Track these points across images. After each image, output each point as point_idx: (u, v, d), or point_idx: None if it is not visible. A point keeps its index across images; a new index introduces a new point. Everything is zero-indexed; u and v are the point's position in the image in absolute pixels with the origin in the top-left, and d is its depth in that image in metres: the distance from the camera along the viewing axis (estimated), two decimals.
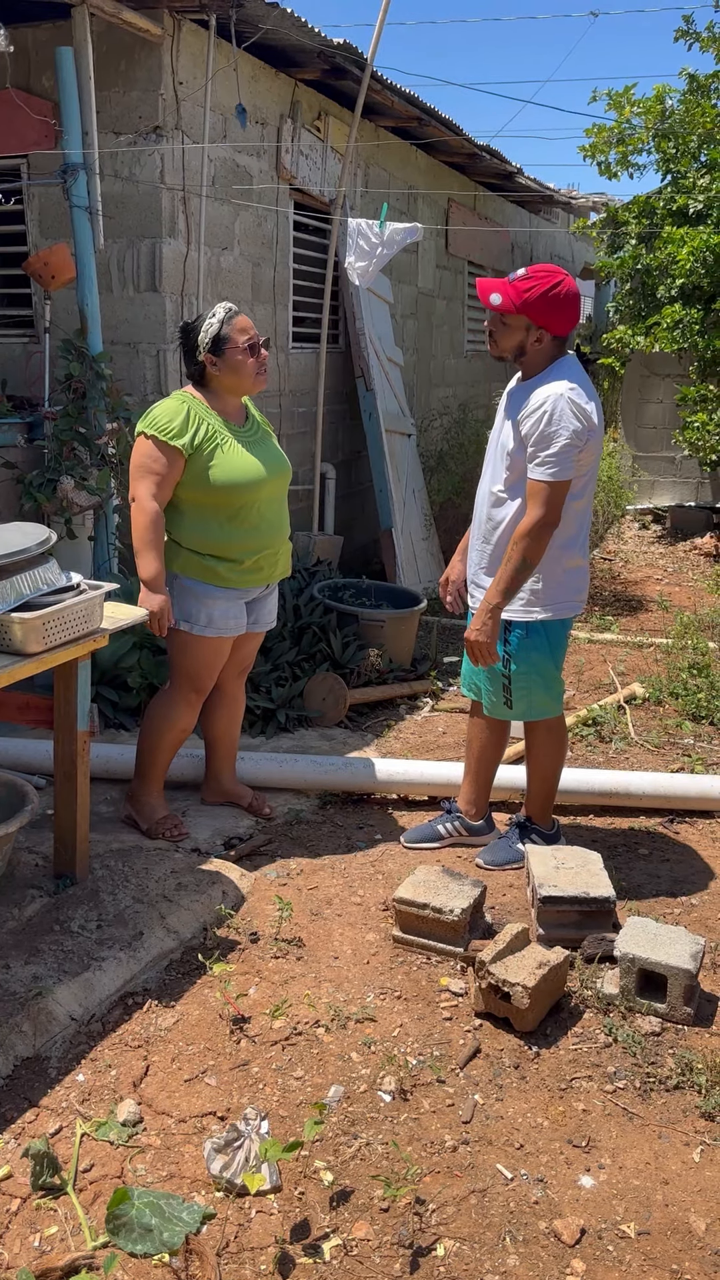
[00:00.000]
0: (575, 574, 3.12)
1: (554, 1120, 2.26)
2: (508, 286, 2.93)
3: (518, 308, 2.91)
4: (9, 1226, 1.98)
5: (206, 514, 3.16)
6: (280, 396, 6.01)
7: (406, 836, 3.52)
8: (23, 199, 4.91)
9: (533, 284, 2.90)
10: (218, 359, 3.11)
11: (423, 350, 8.30)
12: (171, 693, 3.37)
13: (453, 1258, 1.93)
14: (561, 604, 3.11)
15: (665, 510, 9.52)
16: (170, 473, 3.08)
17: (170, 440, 3.05)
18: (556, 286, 2.90)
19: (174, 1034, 2.51)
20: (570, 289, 2.94)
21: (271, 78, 5.48)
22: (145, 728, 3.41)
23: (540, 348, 2.98)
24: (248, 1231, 1.97)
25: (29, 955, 2.67)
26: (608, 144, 8.71)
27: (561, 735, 3.32)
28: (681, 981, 2.53)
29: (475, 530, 3.22)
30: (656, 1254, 1.94)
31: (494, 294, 2.93)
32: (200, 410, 3.14)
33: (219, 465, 3.11)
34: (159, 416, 3.09)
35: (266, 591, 3.45)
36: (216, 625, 3.24)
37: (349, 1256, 1.92)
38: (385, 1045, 2.48)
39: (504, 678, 3.16)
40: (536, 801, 3.38)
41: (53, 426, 4.43)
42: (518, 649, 3.12)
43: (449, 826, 3.50)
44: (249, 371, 3.14)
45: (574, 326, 3.01)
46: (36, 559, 2.68)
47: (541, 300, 2.90)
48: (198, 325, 3.12)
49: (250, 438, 3.23)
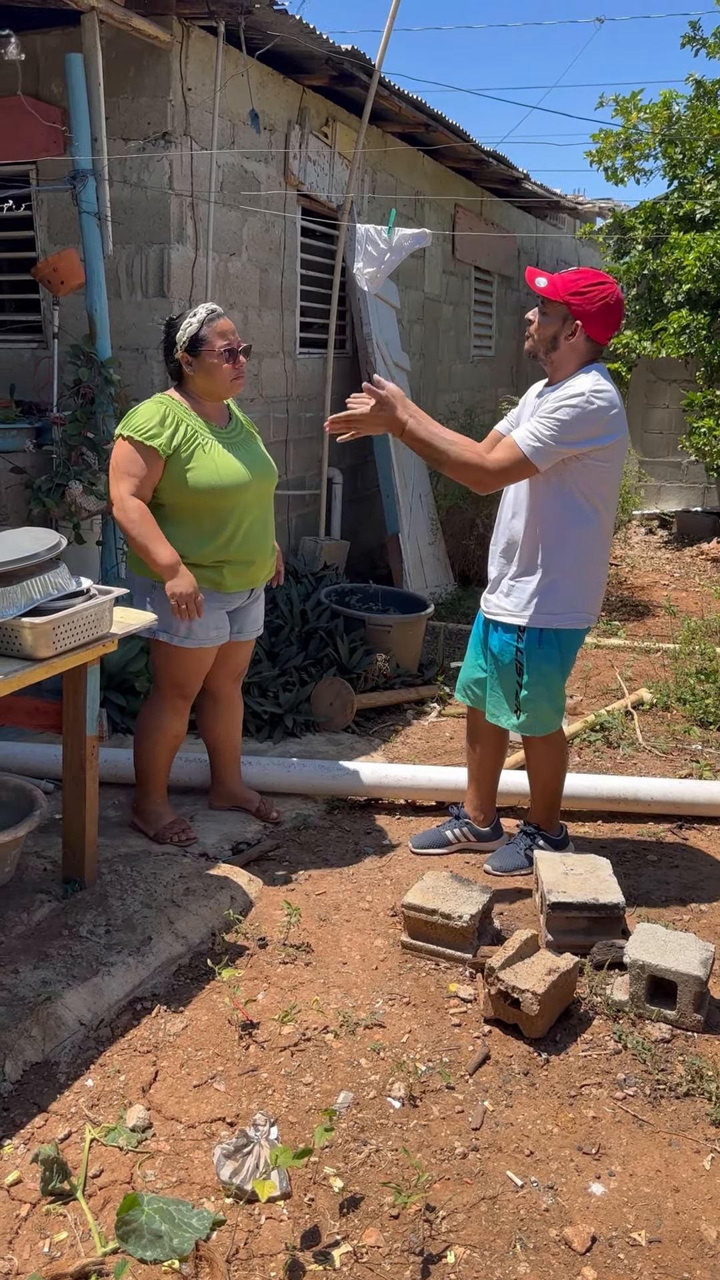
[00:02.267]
0: (593, 586, 3.09)
1: (564, 1127, 2.26)
2: (555, 276, 2.95)
3: (560, 294, 2.91)
4: (19, 1232, 1.98)
5: (187, 518, 3.13)
6: (288, 401, 6.02)
7: (414, 841, 3.51)
8: (31, 205, 4.92)
9: (579, 278, 2.92)
10: (193, 360, 3.10)
11: (429, 355, 8.31)
12: (157, 700, 3.36)
13: (463, 1265, 1.92)
14: (575, 614, 3.07)
15: (672, 515, 9.52)
16: (149, 474, 3.06)
17: (147, 441, 3.04)
18: (600, 286, 2.91)
19: (183, 1039, 2.51)
20: (614, 293, 2.92)
21: (279, 84, 5.49)
22: (138, 738, 3.41)
23: (573, 343, 2.94)
24: (257, 1238, 1.97)
25: (38, 960, 2.67)
26: (614, 149, 8.74)
27: (560, 746, 3.29)
28: (691, 988, 2.52)
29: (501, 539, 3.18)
30: (668, 1262, 1.93)
31: (540, 278, 2.94)
32: (179, 411, 3.12)
33: (198, 467, 3.09)
34: (136, 418, 3.08)
35: (250, 599, 3.42)
36: (196, 636, 3.21)
37: (359, 1263, 1.92)
38: (394, 1051, 2.47)
39: (516, 684, 3.15)
40: (540, 809, 3.37)
41: (61, 432, 4.44)
42: (530, 657, 3.10)
43: (456, 832, 3.49)
44: (224, 376, 3.12)
45: (612, 335, 2.99)
46: (47, 564, 2.68)
47: (584, 296, 2.89)
48: (179, 323, 3.11)
49: (232, 439, 3.21)
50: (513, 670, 3.13)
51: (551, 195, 9.92)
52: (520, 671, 3.12)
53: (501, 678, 3.17)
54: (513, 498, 3.11)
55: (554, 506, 2.98)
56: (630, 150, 8.67)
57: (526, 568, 3.07)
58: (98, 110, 4.35)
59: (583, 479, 2.95)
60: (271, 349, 5.82)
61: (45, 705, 3.03)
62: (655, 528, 9.55)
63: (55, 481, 4.34)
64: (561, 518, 2.99)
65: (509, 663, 3.14)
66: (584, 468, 2.93)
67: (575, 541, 3.01)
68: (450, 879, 2.96)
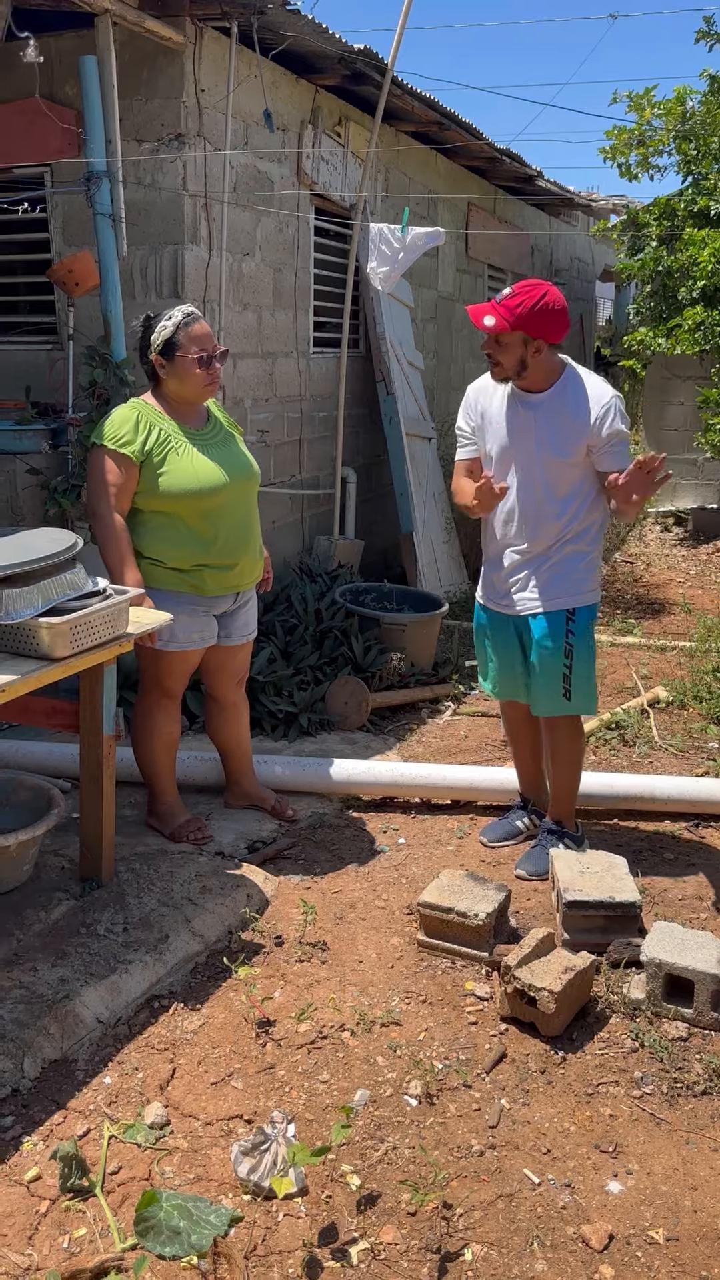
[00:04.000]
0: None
1: (581, 1125, 2.26)
2: (497, 307, 2.97)
3: (511, 324, 2.95)
4: (38, 1228, 1.99)
5: (163, 523, 3.12)
6: (301, 401, 6.03)
7: (486, 835, 3.56)
8: (46, 207, 4.95)
9: (520, 299, 2.94)
10: (167, 363, 3.09)
11: (443, 354, 8.31)
12: (144, 701, 3.37)
13: (480, 1262, 1.92)
14: (598, 591, 3.30)
15: (687, 513, 9.47)
16: (126, 482, 3.05)
17: (120, 448, 3.03)
18: (544, 298, 2.94)
19: (200, 1037, 2.52)
20: (558, 299, 2.98)
21: (292, 84, 5.50)
22: (135, 742, 3.42)
23: (540, 359, 3.02)
24: (275, 1235, 1.98)
25: (56, 958, 2.69)
26: (628, 146, 8.70)
27: (582, 730, 3.38)
28: (709, 986, 2.51)
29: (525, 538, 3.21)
30: (685, 1260, 1.93)
31: (486, 316, 2.97)
32: (151, 416, 3.11)
33: (170, 472, 3.07)
34: (109, 426, 3.07)
35: (237, 604, 3.38)
36: (179, 639, 3.21)
37: (376, 1261, 1.93)
38: (411, 1049, 2.48)
39: (565, 667, 3.20)
40: (565, 801, 3.38)
41: (77, 433, 4.46)
42: (580, 635, 3.20)
43: (526, 821, 3.57)
44: (197, 382, 3.10)
45: (566, 333, 3.06)
46: (63, 564, 2.70)
47: (533, 313, 2.94)
48: (154, 324, 3.10)
49: (208, 441, 3.19)
50: (561, 654, 3.20)
51: (565, 193, 9.89)
52: (570, 654, 3.20)
53: (550, 666, 3.22)
54: (541, 495, 3.13)
55: (587, 495, 3.13)
56: (644, 147, 8.63)
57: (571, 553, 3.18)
58: (112, 112, 4.36)
59: (592, 469, 3.12)
60: (285, 348, 5.82)
61: (63, 705, 3.04)
62: (671, 525, 9.50)
63: (71, 482, 4.36)
64: (593, 504, 3.16)
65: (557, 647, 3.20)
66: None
67: (600, 525, 3.21)
68: (466, 878, 2.97)
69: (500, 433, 3.16)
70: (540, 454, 3.09)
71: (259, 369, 5.55)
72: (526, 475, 3.13)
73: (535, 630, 3.22)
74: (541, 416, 3.08)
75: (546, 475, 3.09)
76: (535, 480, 3.11)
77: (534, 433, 3.09)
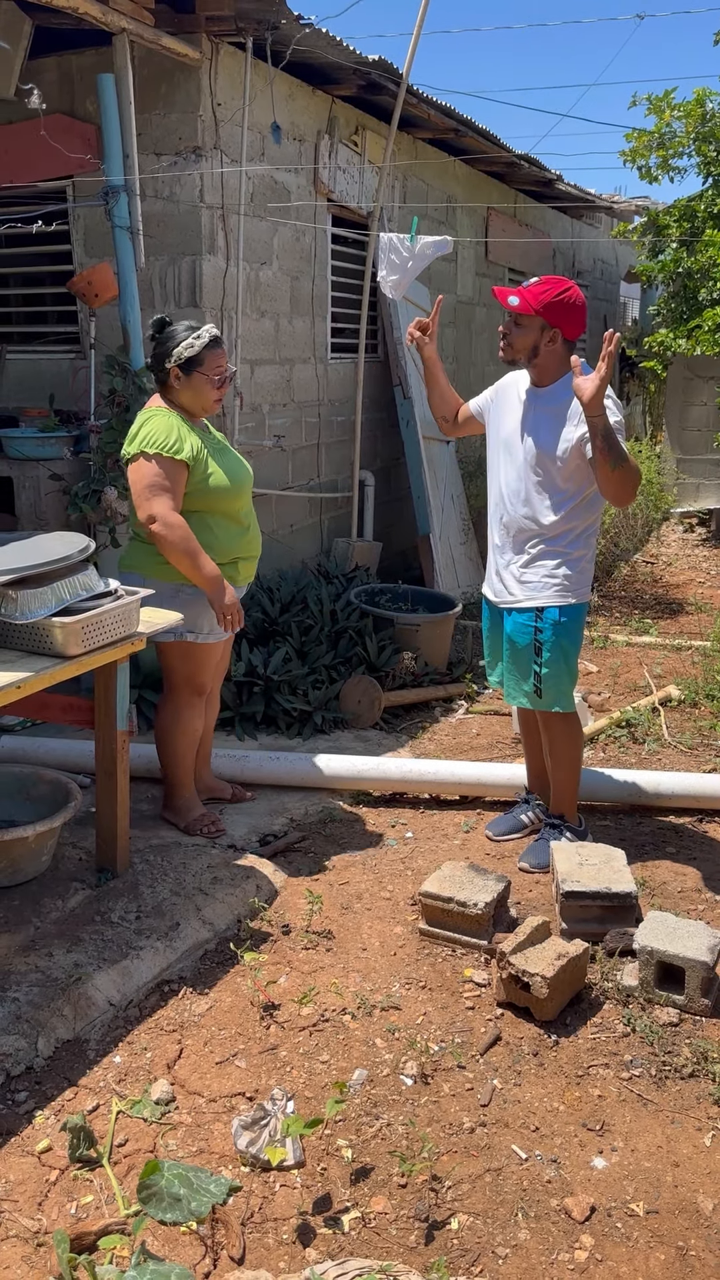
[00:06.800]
0: (592, 563, 3.33)
1: (570, 1105, 2.34)
2: (524, 291, 3.11)
3: (534, 309, 3.08)
4: (48, 1195, 2.10)
5: (210, 522, 3.28)
6: (319, 406, 6.13)
7: (492, 829, 3.65)
8: (68, 220, 5.09)
9: (545, 288, 3.09)
10: (184, 376, 3.23)
11: (462, 358, 8.38)
12: (175, 699, 3.49)
13: (466, 1231, 2.01)
14: (584, 589, 3.30)
15: (709, 513, 9.48)
16: (179, 487, 3.18)
17: (175, 455, 3.15)
18: (566, 291, 3.09)
19: (207, 1019, 2.62)
20: (579, 296, 3.12)
21: (308, 95, 5.61)
22: (160, 739, 3.53)
23: (554, 349, 3.12)
24: (271, 1203, 2.08)
25: (71, 944, 2.80)
26: (648, 148, 8.75)
27: (578, 724, 3.44)
28: (699, 973, 2.58)
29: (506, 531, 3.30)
30: (664, 1231, 2.00)
31: (511, 296, 3.12)
32: (183, 422, 3.26)
33: (215, 472, 3.25)
34: (155, 435, 3.17)
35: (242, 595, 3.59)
36: (216, 631, 3.38)
37: (367, 1228, 2.02)
38: (409, 1032, 2.57)
39: (535, 664, 3.27)
40: (565, 796, 3.46)
41: (97, 440, 4.58)
42: (551, 635, 3.25)
43: (531, 815, 3.64)
44: (209, 398, 3.28)
45: (583, 332, 3.17)
46: (76, 566, 2.81)
47: (556, 303, 3.07)
48: (174, 331, 3.22)
49: (216, 445, 3.37)
50: (530, 651, 3.27)
51: (585, 195, 9.93)
52: (540, 652, 3.27)
53: (520, 661, 3.31)
54: (522, 488, 3.21)
55: (572, 497, 3.17)
56: (664, 149, 8.67)
57: (546, 551, 3.23)
58: (129, 128, 4.48)
59: (580, 474, 3.15)
60: (303, 355, 5.93)
61: (78, 702, 3.16)
62: (694, 525, 9.51)
63: (92, 488, 4.49)
64: (578, 509, 3.19)
65: (526, 644, 3.28)
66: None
67: (584, 533, 3.23)
68: (467, 868, 3.05)
69: (502, 416, 3.30)
70: (531, 445, 3.17)
71: (276, 375, 5.66)
72: (514, 464, 3.23)
73: (507, 624, 3.33)
74: (540, 409, 3.17)
75: (533, 468, 3.17)
76: (522, 471, 3.20)
77: (530, 423, 3.18)
